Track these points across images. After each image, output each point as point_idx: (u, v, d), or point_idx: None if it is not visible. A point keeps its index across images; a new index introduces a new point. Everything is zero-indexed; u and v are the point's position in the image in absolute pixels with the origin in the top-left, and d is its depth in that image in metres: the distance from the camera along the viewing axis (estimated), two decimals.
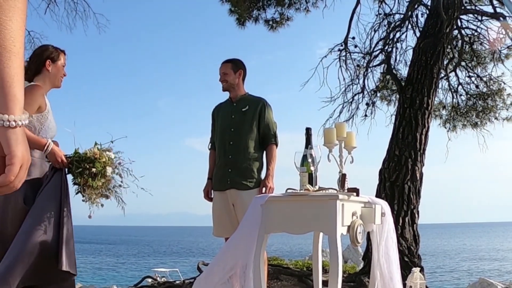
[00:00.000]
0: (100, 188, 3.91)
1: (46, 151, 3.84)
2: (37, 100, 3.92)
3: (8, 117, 1.32)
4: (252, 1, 9.89)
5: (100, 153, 3.89)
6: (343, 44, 9.64)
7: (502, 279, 28.55)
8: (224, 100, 5.39)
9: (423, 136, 7.81)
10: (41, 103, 3.95)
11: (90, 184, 3.81)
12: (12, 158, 1.34)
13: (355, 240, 3.70)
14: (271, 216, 3.71)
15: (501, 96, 10.52)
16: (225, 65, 5.27)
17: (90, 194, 3.85)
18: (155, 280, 9.52)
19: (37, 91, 3.97)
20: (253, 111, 5.16)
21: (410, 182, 7.60)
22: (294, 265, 8.32)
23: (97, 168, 3.81)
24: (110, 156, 3.97)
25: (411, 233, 7.49)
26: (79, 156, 3.87)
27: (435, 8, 8.18)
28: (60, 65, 4.24)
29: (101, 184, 3.88)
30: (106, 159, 3.91)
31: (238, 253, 3.80)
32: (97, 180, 3.83)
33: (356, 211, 3.83)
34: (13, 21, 1.28)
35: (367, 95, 10.11)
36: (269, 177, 5.09)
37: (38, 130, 3.93)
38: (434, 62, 8.01)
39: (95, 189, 3.85)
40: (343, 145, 4.08)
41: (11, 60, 1.29)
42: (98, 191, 3.90)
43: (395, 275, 4.32)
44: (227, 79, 5.19)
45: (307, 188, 3.72)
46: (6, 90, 1.31)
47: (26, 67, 4.13)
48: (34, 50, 4.22)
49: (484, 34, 9.58)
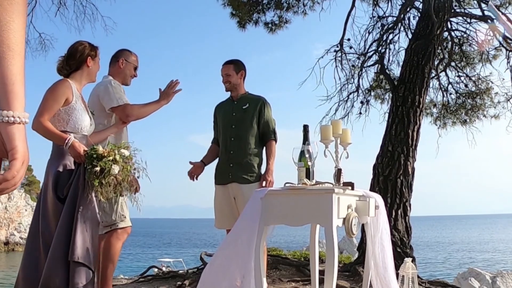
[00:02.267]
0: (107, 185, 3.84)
1: (67, 145, 3.84)
2: (63, 93, 3.93)
3: (12, 113, 1.31)
4: (252, 4, 9.88)
5: (108, 151, 3.85)
6: (339, 45, 9.63)
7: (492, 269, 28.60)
8: (225, 99, 5.39)
9: (415, 132, 7.81)
10: (68, 96, 3.96)
11: (96, 181, 3.77)
12: (15, 153, 1.33)
13: (350, 232, 3.71)
14: (270, 209, 3.72)
15: (489, 94, 10.52)
16: (227, 67, 5.27)
17: (97, 190, 3.82)
18: (160, 270, 9.53)
19: (61, 85, 3.98)
20: (253, 109, 5.17)
21: (403, 176, 7.60)
22: (292, 256, 8.31)
23: (101, 166, 3.77)
24: (124, 154, 3.88)
25: (404, 225, 7.49)
26: (91, 153, 3.87)
27: (426, 11, 8.17)
28: (97, 61, 4.27)
29: (107, 181, 3.83)
30: (117, 157, 3.83)
31: (240, 245, 3.80)
32: (104, 177, 3.75)
33: (351, 204, 3.84)
34: (16, 22, 1.29)
35: (361, 94, 10.12)
36: (269, 172, 5.10)
37: (66, 121, 3.94)
38: (425, 63, 8.00)
39: (103, 186, 3.82)
40: (338, 141, 4.08)
41: (14, 59, 1.30)
42: (105, 189, 3.84)
43: (389, 265, 4.33)
44: (230, 80, 5.19)
45: (305, 182, 3.72)
46: (9, 88, 1.31)
47: (63, 63, 4.15)
48: (73, 46, 4.19)
49: (472, 36, 9.57)
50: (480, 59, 10.26)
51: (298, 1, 10.08)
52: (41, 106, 3.89)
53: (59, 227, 3.73)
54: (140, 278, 6.59)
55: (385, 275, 4.31)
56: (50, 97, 3.91)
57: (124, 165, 3.85)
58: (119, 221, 4.39)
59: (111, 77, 4.74)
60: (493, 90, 10.44)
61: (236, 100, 5.24)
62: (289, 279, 6.25)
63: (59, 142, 3.87)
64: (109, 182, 3.78)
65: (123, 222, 4.42)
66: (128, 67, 4.83)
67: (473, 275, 23.92)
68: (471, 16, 9.15)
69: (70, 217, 3.76)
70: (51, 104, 3.89)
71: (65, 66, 4.14)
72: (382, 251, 4.31)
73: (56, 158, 3.93)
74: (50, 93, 3.92)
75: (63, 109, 3.94)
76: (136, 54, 4.95)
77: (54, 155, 3.95)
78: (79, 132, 3.98)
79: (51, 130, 3.85)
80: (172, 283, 5.74)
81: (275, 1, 10.01)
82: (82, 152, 3.81)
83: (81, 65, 4.15)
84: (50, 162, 3.94)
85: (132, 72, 4.88)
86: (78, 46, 4.19)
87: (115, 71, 4.79)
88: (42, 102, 3.90)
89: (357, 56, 9.89)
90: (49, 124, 3.86)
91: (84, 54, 4.15)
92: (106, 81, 4.67)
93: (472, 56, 10.35)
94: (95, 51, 4.24)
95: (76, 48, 4.18)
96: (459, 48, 10.14)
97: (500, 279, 23.61)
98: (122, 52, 4.89)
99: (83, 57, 4.15)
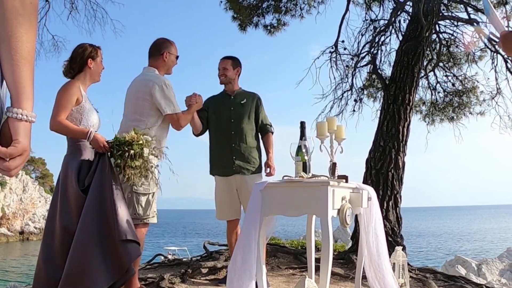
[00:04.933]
0: (139, 168, 3.93)
1: (89, 138, 3.87)
2: (74, 93, 3.96)
3: (21, 112, 1.40)
4: (252, 8, 9.88)
5: (138, 136, 3.92)
6: (334, 47, 9.63)
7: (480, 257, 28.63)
8: (219, 93, 5.37)
9: (405, 129, 7.81)
10: (78, 96, 3.98)
11: (129, 164, 3.84)
12: (17, 143, 1.40)
13: (344, 222, 3.72)
14: (270, 200, 3.73)
15: (474, 93, 10.52)
16: (225, 61, 5.28)
17: (130, 174, 3.87)
18: (166, 257, 9.55)
19: (72, 85, 4.00)
20: (250, 104, 5.20)
21: (394, 170, 7.60)
22: (290, 244, 8.31)
23: (135, 150, 3.84)
24: (148, 139, 3.99)
25: (394, 216, 7.50)
26: (118, 141, 3.90)
27: (416, 15, 8.16)
28: (99, 61, 4.25)
29: (139, 164, 3.91)
30: (144, 141, 3.92)
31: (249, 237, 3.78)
32: (136, 160, 3.86)
33: (345, 196, 3.85)
34: (28, 34, 1.40)
35: (355, 92, 10.11)
36: (271, 160, 5.20)
37: (79, 120, 3.97)
38: (415, 63, 7.99)
39: (134, 169, 3.87)
40: (333, 137, 4.09)
41: (25, 66, 1.40)
42: (138, 171, 3.93)
43: (383, 253, 4.34)
44: (227, 74, 5.20)
45: (302, 175, 3.73)
46: (21, 90, 1.41)
47: (68, 66, 4.18)
48: (74, 50, 4.20)
49: (459, 38, 9.57)
50: (466, 60, 10.26)
51: (295, 5, 10.07)
52: (56, 107, 3.91)
53: (84, 217, 3.71)
54: (147, 265, 6.60)
55: (378, 262, 4.33)
56: (63, 97, 3.93)
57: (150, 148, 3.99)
58: (150, 217, 4.39)
59: (156, 71, 4.65)
60: (479, 89, 10.44)
61: (233, 95, 5.24)
62: (287, 267, 6.26)
63: (81, 137, 3.90)
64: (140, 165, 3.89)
65: (153, 218, 4.42)
66: (171, 58, 4.74)
67: (459, 262, 23.97)
68: (458, 19, 9.15)
69: (97, 205, 3.76)
70: (65, 104, 3.91)
71: (69, 69, 4.16)
72: (376, 240, 4.32)
73: (74, 153, 3.95)
74: (62, 93, 3.94)
75: (75, 108, 3.96)
76: (174, 42, 4.83)
77: (71, 151, 3.97)
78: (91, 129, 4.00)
79: (71, 127, 3.88)
80: (176, 270, 5.75)
81: (274, 5, 10.01)
82: (105, 142, 3.85)
83: (83, 67, 4.15)
84: (68, 157, 3.95)
85: (174, 62, 4.81)
86: (78, 49, 4.19)
87: (159, 64, 4.68)
88: (56, 103, 3.92)
89: (351, 57, 9.89)
90: (67, 122, 3.89)
91: (84, 56, 4.15)
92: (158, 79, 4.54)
93: (459, 57, 10.35)
94: (96, 51, 4.23)
95: (76, 52, 4.19)
96: (447, 49, 10.14)
97: (485, 266, 23.67)
98: (163, 44, 4.76)
99: (83, 59, 4.14)
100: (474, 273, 22.24)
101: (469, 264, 23.78)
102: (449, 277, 5.98)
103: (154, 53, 4.71)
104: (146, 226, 4.39)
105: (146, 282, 4.97)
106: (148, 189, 4.33)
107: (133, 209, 4.28)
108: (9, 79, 1.40)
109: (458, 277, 6.07)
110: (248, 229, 3.70)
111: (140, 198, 4.30)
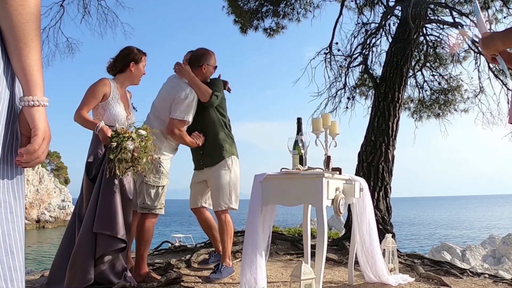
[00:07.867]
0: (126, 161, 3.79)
1: (97, 130, 3.90)
2: (101, 90, 4.00)
3: (32, 98, 1.38)
4: (252, 13, 9.86)
5: (125, 130, 3.87)
6: (328, 48, 9.62)
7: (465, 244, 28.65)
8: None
9: (394, 124, 7.81)
10: (106, 92, 4.02)
11: (115, 156, 3.76)
12: (36, 130, 1.39)
13: (338, 211, 3.73)
14: (268, 191, 3.74)
15: (459, 91, 10.51)
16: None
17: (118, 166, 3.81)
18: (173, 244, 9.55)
19: (100, 83, 4.03)
20: None
21: (384, 162, 7.60)
22: (288, 232, 8.32)
23: (116, 142, 3.77)
24: (140, 133, 3.87)
25: (385, 205, 7.51)
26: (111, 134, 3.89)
27: (405, 18, 8.15)
28: (141, 66, 4.24)
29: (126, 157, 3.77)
30: (133, 135, 3.82)
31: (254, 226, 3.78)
32: (116, 153, 3.75)
33: (339, 187, 3.85)
34: (30, 23, 1.35)
35: (348, 91, 10.10)
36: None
37: (102, 115, 4.02)
38: (403, 63, 7.98)
39: (121, 162, 3.80)
40: (328, 132, 4.09)
41: (30, 53, 1.37)
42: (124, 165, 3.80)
43: (375, 240, 4.35)
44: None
45: (298, 168, 3.74)
46: (28, 78, 1.38)
47: (112, 64, 4.18)
48: (121, 50, 4.20)
49: (445, 40, 9.56)
50: (451, 60, 10.25)
51: (293, 9, 10.06)
52: (82, 102, 3.98)
53: (90, 203, 3.81)
54: (155, 251, 6.60)
55: (370, 248, 4.34)
56: (89, 94, 3.98)
57: (141, 143, 3.84)
58: (158, 208, 4.36)
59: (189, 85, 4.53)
60: (463, 87, 10.43)
61: None
62: (285, 253, 6.27)
63: (92, 128, 3.94)
64: (125, 158, 3.78)
65: (161, 209, 4.39)
66: (209, 70, 4.71)
67: (445, 248, 24.03)
68: (443, 23, 9.14)
69: (97, 193, 3.83)
70: (89, 100, 3.96)
71: (113, 67, 4.19)
72: (369, 228, 4.34)
73: (93, 144, 4.01)
74: (89, 90, 4.00)
75: (101, 104, 4.01)
76: (213, 53, 4.76)
77: (92, 142, 4.03)
78: (114, 124, 4.02)
79: (87, 119, 3.94)
80: (182, 256, 5.76)
81: (273, 10, 9.99)
82: (107, 135, 3.87)
83: (125, 68, 4.16)
84: (89, 148, 4.02)
85: (212, 72, 4.77)
86: (124, 51, 4.20)
87: (197, 74, 4.61)
88: (83, 98, 3.99)
89: (344, 58, 9.88)
90: (86, 115, 3.96)
91: (128, 59, 4.16)
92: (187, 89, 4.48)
93: (444, 57, 10.33)
94: (141, 57, 4.22)
95: (122, 53, 4.20)
96: (433, 51, 10.13)
97: (469, 252, 23.73)
98: (203, 56, 4.71)
99: (126, 61, 4.16)
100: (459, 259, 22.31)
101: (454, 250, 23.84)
102: (436, 262, 5.98)
103: (194, 64, 4.67)
104: (156, 216, 4.37)
105: (154, 267, 4.99)
106: (158, 182, 4.32)
107: (142, 199, 4.28)
108: (18, 71, 1.38)
109: (444, 262, 6.06)
110: (253, 218, 3.72)
111: (149, 190, 4.29)
